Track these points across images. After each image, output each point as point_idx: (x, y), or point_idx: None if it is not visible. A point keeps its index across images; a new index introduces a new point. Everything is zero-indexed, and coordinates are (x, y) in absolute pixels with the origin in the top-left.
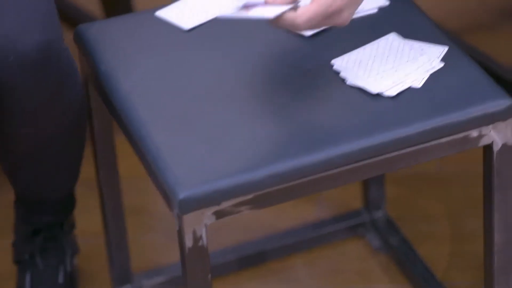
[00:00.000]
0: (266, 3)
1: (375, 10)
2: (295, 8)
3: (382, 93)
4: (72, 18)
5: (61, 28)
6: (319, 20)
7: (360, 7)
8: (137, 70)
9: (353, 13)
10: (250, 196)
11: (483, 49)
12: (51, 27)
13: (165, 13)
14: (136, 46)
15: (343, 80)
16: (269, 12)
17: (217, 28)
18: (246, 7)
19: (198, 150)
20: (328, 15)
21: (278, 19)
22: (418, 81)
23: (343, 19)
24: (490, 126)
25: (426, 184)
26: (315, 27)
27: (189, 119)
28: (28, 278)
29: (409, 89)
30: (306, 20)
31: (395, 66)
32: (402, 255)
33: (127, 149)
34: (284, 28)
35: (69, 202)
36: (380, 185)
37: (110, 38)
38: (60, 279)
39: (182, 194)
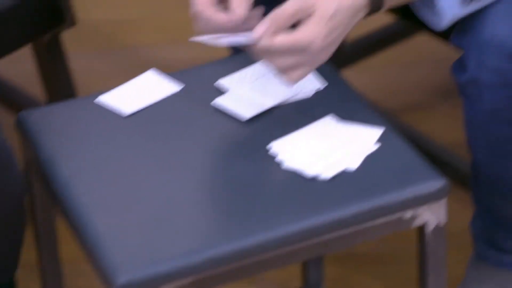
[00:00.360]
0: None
1: (312, 93)
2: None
3: (318, 175)
4: (14, 102)
5: None
6: (294, 56)
7: (297, 90)
8: (78, 156)
9: (332, 52)
10: (189, 280)
11: (419, 128)
12: None
13: (105, 99)
14: (78, 132)
15: (280, 164)
16: (241, 38)
17: (157, 114)
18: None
19: (137, 234)
20: (304, 53)
21: (254, 44)
22: (353, 163)
23: (320, 59)
24: (424, 207)
25: (364, 263)
26: (290, 64)
27: (129, 204)
28: None
29: (345, 171)
30: (282, 50)
31: (331, 149)
32: None
33: (69, 233)
34: (258, 53)
35: None
36: (319, 265)
37: (52, 124)
38: None
39: (120, 279)
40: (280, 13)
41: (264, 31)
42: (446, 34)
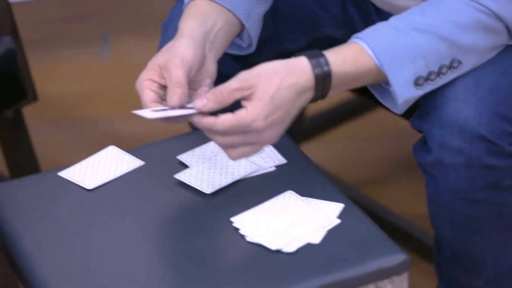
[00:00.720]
0: (173, 108)
1: (273, 168)
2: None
3: (281, 249)
4: None
5: None
6: (238, 135)
7: (257, 166)
8: (40, 230)
9: (279, 132)
10: None
11: (380, 200)
12: None
13: (68, 173)
14: (40, 206)
15: (243, 237)
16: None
17: (119, 187)
18: (156, 111)
19: None
20: (247, 132)
21: (198, 119)
22: (316, 237)
23: (265, 139)
24: (386, 281)
25: None
26: (235, 142)
27: (91, 277)
28: None
29: (308, 245)
30: (225, 129)
31: (293, 223)
32: None
33: None
34: (202, 129)
35: None
36: None
37: (14, 198)
38: None
39: None
40: (220, 89)
41: (203, 105)
42: (406, 112)
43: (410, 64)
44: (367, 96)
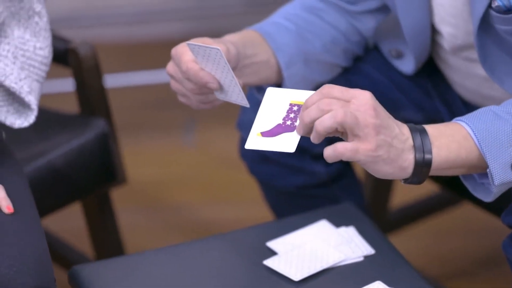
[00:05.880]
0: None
1: (361, 259)
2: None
3: None
4: (64, 257)
5: (53, 272)
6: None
7: (346, 255)
8: None
9: (375, 126)
10: None
11: None
12: (44, 272)
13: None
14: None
15: None
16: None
17: (208, 271)
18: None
19: None
20: (354, 98)
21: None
22: None
23: (366, 120)
24: None
25: None
26: (337, 103)
27: None
28: None
29: None
30: (335, 89)
31: None
32: None
33: None
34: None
35: None
36: None
37: (103, 279)
38: None
39: None
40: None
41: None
42: (493, 207)
43: (509, 148)
44: (453, 190)
